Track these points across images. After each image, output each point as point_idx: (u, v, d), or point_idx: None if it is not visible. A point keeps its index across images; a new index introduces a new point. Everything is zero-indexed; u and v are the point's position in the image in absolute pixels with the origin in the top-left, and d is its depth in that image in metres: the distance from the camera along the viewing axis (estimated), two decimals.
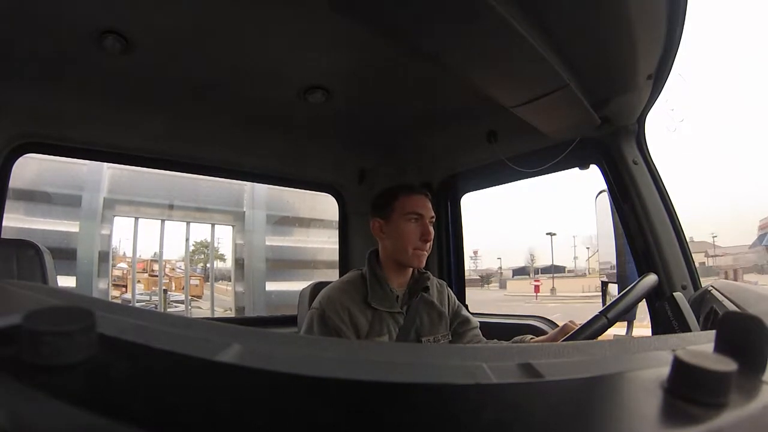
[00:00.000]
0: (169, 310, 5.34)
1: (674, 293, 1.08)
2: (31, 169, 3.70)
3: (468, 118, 1.45)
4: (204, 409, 0.20)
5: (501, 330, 1.33)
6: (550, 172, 1.49)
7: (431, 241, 1.14)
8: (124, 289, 5.52)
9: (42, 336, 0.20)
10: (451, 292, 1.29)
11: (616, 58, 0.99)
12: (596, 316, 0.91)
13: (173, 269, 6.75)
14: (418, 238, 1.12)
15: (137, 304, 4.94)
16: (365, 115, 1.48)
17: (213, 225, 4.94)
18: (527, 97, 1.07)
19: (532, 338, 1.20)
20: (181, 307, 5.52)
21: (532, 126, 1.22)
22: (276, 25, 1.00)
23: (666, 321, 1.05)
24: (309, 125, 1.53)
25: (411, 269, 1.19)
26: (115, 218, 4.43)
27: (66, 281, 3.67)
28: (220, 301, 5.41)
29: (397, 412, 0.21)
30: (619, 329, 1.11)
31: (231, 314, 4.88)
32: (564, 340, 0.98)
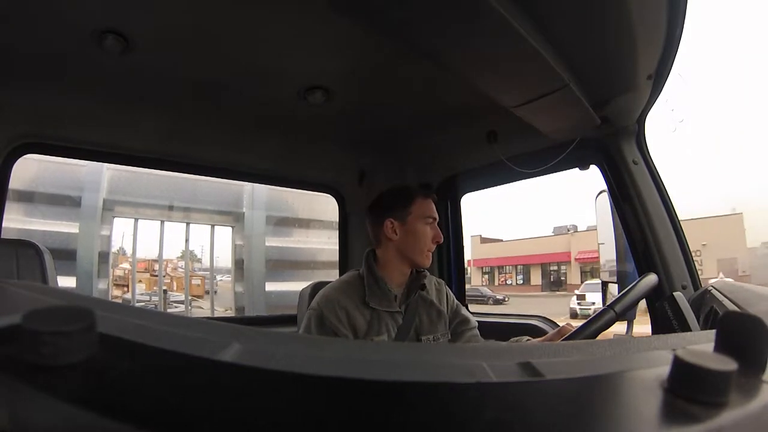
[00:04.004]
0: (168, 310, 5.34)
1: (674, 293, 1.08)
2: (31, 169, 3.71)
3: (468, 118, 1.45)
4: (204, 408, 0.20)
5: (500, 330, 1.33)
6: (550, 173, 1.49)
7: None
8: (125, 288, 5.54)
9: (42, 336, 0.20)
10: (450, 291, 1.29)
11: (616, 58, 0.99)
12: (605, 310, 0.92)
13: (175, 269, 6.76)
14: (430, 240, 1.16)
15: (137, 305, 4.94)
16: (365, 115, 1.48)
17: (212, 226, 4.95)
18: (527, 97, 1.07)
19: (529, 339, 1.20)
20: (182, 307, 5.52)
21: (532, 126, 1.22)
22: (276, 25, 1.00)
23: (666, 321, 1.05)
24: (309, 125, 1.53)
25: (410, 269, 1.19)
26: (115, 219, 4.43)
27: (65, 282, 3.67)
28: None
29: (397, 411, 0.21)
30: (619, 329, 1.11)
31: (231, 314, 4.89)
32: (563, 340, 0.98)
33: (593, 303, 12.34)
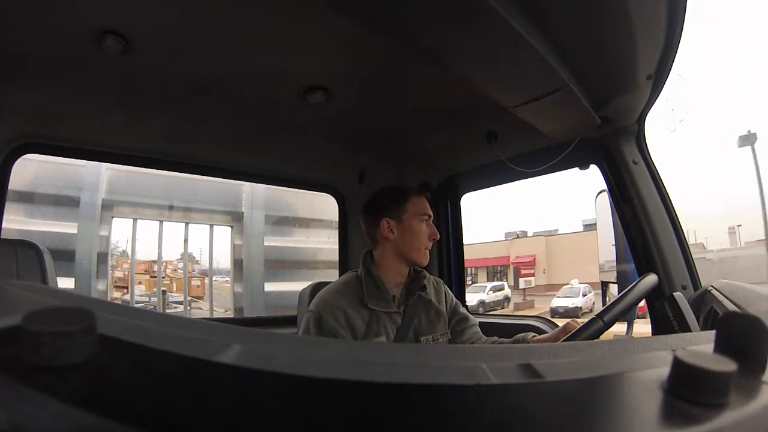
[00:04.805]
0: (167, 311, 5.34)
1: (674, 293, 1.08)
2: (31, 169, 3.70)
3: (468, 118, 1.45)
4: (204, 409, 0.20)
5: (501, 330, 1.33)
6: (550, 172, 1.49)
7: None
8: (125, 290, 5.53)
9: (42, 337, 0.20)
10: (449, 290, 1.29)
11: (616, 58, 0.99)
12: (593, 319, 0.92)
13: (175, 270, 6.75)
14: (427, 238, 1.17)
15: (136, 305, 4.94)
16: (365, 115, 1.48)
17: (211, 226, 4.95)
18: (527, 97, 1.07)
19: (534, 336, 1.20)
20: (181, 308, 5.52)
21: (532, 126, 1.22)
22: (276, 26, 1.00)
23: (666, 321, 1.05)
24: (309, 125, 1.53)
25: (408, 269, 1.19)
26: (114, 219, 4.43)
27: (64, 282, 3.67)
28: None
29: (396, 412, 0.21)
30: (619, 328, 1.11)
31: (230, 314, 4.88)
32: (565, 340, 0.98)
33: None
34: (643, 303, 1.10)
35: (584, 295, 15.99)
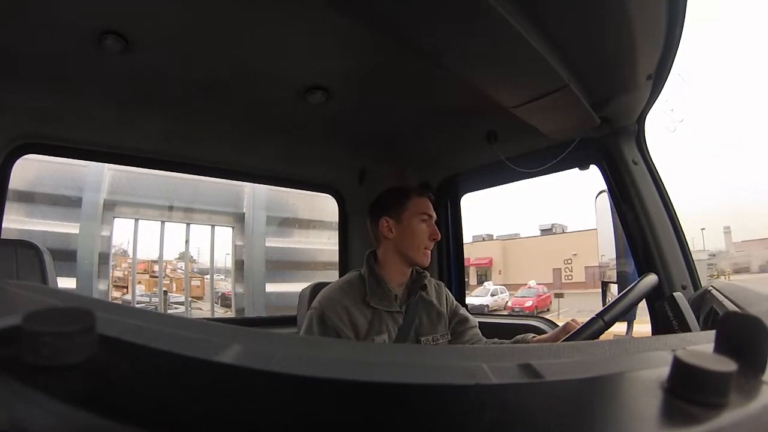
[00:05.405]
0: (168, 311, 5.34)
1: (674, 293, 1.08)
2: (31, 170, 3.71)
3: (468, 118, 1.45)
4: (204, 409, 0.20)
5: (501, 330, 1.33)
6: (550, 173, 1.49)
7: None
8: (125, 290, 5.53)
9: (42, 337, 0.20)
10: (449, 292, 1.29)
11: (616, 58, 0.99)
12: (593, 319, 0.92)
13: (174, 270, 6.74)
14: (427, 238, 1.17)
15: (137, 306, 4.94)
16: (365, 115, 1.48)
17: (213, 226, 4.95)
18: (527, 97, 1.07)
19: (534, 336, 1.20)
20: (182, 309, 5.52)
21: (532, 126, 1.22)
22: (276, 26, 1.00)
23: (666, 321, 1.05)
24: (309, 125, 1.53)
25: (410, 269, 1.19)
26: (115, 220, 4.44)
27: (65, 283, 3.67)
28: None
29: (397, 413, 0.21)
30: (619, 328, 1.11)
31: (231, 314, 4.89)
32: (564, 340, 0.98)
33: None
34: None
35: (493, 295, 17.65)
